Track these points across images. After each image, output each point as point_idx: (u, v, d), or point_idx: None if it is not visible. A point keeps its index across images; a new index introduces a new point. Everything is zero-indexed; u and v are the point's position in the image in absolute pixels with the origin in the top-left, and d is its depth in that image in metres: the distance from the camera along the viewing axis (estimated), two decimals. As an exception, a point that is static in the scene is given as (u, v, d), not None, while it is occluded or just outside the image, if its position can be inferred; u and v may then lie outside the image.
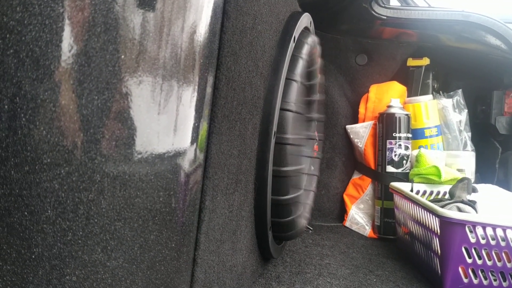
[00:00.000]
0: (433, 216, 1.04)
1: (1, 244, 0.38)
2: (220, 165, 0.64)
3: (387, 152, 1.50)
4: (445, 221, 0.99)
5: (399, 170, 1.48)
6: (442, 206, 1.12)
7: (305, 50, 0.98)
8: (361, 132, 1.63)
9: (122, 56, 0.44)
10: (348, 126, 1.68)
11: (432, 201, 1.27)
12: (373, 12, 1.50)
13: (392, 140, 1.49)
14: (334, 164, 1.70)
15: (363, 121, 1.66)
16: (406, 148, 1.49)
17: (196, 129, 0.56)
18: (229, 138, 0.67)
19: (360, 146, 1.61)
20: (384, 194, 1.50)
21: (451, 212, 0.99)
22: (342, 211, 1.67)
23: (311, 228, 1.52)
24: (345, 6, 1.50)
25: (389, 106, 1.54)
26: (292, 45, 0.93)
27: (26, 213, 0.39)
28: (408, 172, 1.47)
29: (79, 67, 0.41)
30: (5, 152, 0.39)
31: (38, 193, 0.39)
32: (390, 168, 1.50)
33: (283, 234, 0.99)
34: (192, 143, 0.55)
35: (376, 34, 1.66)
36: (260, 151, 0.84)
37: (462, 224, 0.97)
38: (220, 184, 0.65)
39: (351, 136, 1.66)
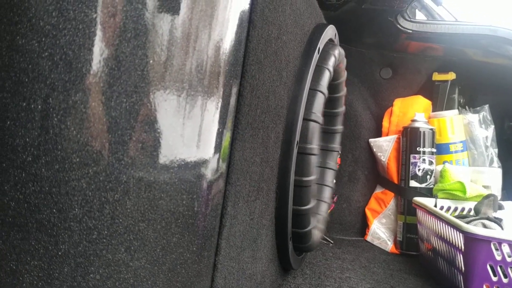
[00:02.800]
0: (458, 232, 1.02)
1: (30, 239, 0.39)
2: (242, 172, 0.64)
3: (411, 167, 1.48)
4: (470, 237, 0.97)
5: (423, 185, 1.46)
6: (467, 223, 1.09)
7: (331, 61, 0.98)
8: (384, 146, 1.61)
9: (151, 61, 0.45)
10: (371, 140, 1.67)
11: (456, 217, 1.24)
12: (398, 26, 1.50)
13: (416, 155, 1.47)
14: (356, 177, 1.68)
15: (387, 134, 1.64)
16: (430, 163, 1.47)
17: (220, 135, 0.56)
18: (252, 146, 0.67)
19: (383, 160, 1.60)
20: (407, 209, 1.47)
21: (476, 228, 0.97)
22: (364, 225, 1.65)
23: (332, 242, 1.51)
24: (370, 20, 1.50)
25: (413, 120, 1.52)
26: (316, 56, 0.94)
27: (54, 210, 0.40)
28: (432, 188, 1.44)
29: (109, 70, 0.42)
30: (37, 151, 0.40)
31: (67, 191, 0.40)
32: (413, 183, 1.47)
33: (302, 245, 0.98)
34: (215, 149, 0.56)
35: (401, 48, 1.65)
36: (282, 160, 0.84)
37: (487, 240, 0.95)
38: (242, 190, 0.65)
39: (374, 150, 1.65)
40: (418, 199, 1.36)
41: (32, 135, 0.40)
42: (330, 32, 1.07)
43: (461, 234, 1.01)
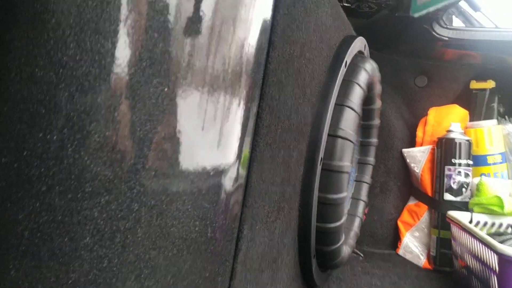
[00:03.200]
0: (492, 252, 0.98)
1: (42, 268, 0.40)
2: (260, 194, 0.64)
3: (445, 179, 1.43)
4: (504, 259, 0.93)
5: (458, 199, 1.41)
6: (502, 241, 1.05)
7: (361, 76, 0.96)
8: (418, 157, 1.57)
9: (165, 90, 0.45)
10: (404, 150, 1.62)
11: (492, 234, 1.19)
12: (434, 33, 1.45)
13: (451, 167, 1.42)
14: (388, 188, 1.64)
15: (421, 145, 1.60)
16: (466, 175, 1.41)
17: (237, 159, 0.56)
18: (271, 166, 0.67)
19: (417, 171, 1.55)
20: (441, 223, 1.42)
21: (511, 250, 0.92)
22: (396, 238, 1.60)
23: (362, 255, 1.48)
24: (404, 27, 1.47)
25: (448, 131, 1.47)
26: (343, 70, 0.92)
27: (66, 239, 0.41)
28: (468, 201, 1.39)
29: (123, 100, 0.43)
30: (51, 180, 0.41)
31: (79, 220, 0.41)
32: (448, 196, 1.42)
33: (329, 262, 0.97)
34: (231, 173, 0.55)
35: (437, 55, 1.60)
36: (305, 178, 0.83)
37: (523, 263, 0.90)
38: (260, 212, 0.65)
39: (408, 161, 1.60)
40: (452, 213, 1.31)
41: (47, 165, 0.41)
42: (359, 44, 1.05)
43: (495, 254, 0.96)
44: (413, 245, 1.53)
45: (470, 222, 1.27)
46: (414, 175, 1.57)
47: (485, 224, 1.29)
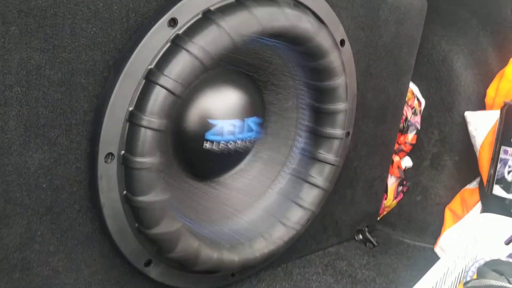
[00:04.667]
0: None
1: None
2: None
3: (499, 165, 0.98)
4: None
5: (510, 196, 0.96)
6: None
7: (201, 37, 0.62)
8: (480, 125, 1.11)
9: None
10: (467, 113, 1.16)
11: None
12: None
13: (508, 148, 0.96)
14: (441, 163, 1.22)
15: (491, 108, 1.12)
16: (531, 164, 0.94)
17: None
18: None
19: (476, 145, 1.10)
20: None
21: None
22: (440, 229, 1.21)
23: (374, 243, 1.16)
24: None
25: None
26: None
27: None
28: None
29: None
30: None
31: None
32: (497, 190, 0.98)
33: None
34: None
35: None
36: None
37: None
38: None
39: (469, 128, 1.15)
40: (488, 217, 0.90)
41: None
42: None
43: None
44: (453, 243, 1.13)
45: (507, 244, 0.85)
46: (474, 149, 1.13)
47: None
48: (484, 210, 1.03)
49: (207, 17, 0.63)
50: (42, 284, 0.62)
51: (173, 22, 0.61)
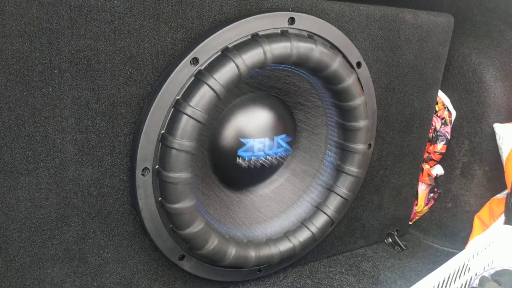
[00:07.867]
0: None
1: None
2: None
3: (521, 177, 1.02)
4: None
5: (530, 208, 1.00)
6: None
7: (219, 73, 0.76)
8: (508, 137, 1.14)
9: None
10: (496, 125, 1.20)
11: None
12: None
13: (530, 161, 1.00)
14: (471, 172, 1.26)
15: (520, 120, 1.15)
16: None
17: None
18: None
19: (503, 156, 1.15)
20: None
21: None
22: (468, 236, 1.26)
23: (403, 246, 1.24)
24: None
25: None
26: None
27: None
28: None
29: None
30: None
31: None
32: (519, 201, 1.02)
33: None
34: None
35: None
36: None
37: None
38: None
39: (497, 140, 1.19)
40: (509, 229, 0.96)
41: None
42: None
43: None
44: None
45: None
46: (502, 160, 1.17)
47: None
48: (507, 221, 1.07)
49: (224, 55, 0.76)
50: (96, 270, 0.79)
51: (195, 60, 0.74)
